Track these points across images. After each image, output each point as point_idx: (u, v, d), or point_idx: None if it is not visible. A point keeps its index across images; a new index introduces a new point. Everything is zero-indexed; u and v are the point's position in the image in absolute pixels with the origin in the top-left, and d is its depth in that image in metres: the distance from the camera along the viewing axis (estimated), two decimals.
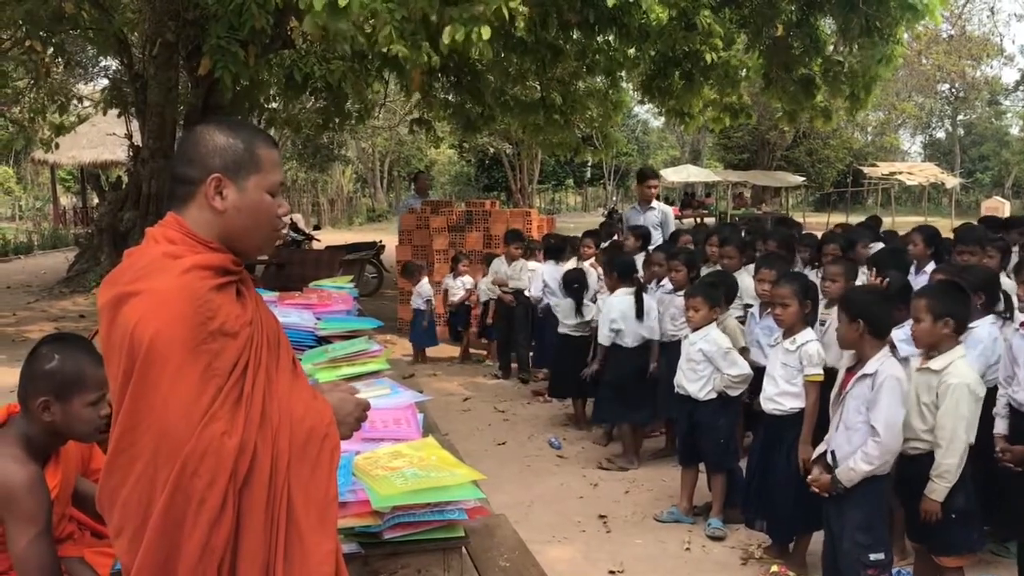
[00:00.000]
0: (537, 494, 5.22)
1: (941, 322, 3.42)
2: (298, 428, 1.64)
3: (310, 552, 1.61)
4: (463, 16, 6.49)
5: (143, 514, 1.52)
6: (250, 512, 1.56)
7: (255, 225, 1.73)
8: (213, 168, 1.69)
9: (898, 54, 11.11)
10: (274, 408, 1.62)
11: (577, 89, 13.57)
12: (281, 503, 1.59)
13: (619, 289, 5.82)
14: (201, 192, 1.69)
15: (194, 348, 1.54)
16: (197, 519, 1.51)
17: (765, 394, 4.17)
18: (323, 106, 13.39)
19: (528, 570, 2.64)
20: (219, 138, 1.71)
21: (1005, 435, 3.78)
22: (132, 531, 1.53)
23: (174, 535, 1.51)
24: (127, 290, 1.56)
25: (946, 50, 37.56)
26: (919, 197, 38.24)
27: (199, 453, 1.51)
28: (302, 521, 1.61)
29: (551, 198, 50.21)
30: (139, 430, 1.52)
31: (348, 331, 3.70)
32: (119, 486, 1.54)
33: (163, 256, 1.62)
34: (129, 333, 1.52)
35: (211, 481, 1.52)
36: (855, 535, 3.34)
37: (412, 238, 10.29)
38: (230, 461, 1.54)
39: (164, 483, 1.51)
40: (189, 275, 1.58)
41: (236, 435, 1.55)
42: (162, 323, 1.52)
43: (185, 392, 1.52)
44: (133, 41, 12.73)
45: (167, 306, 1.54)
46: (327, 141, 31.52)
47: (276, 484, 1.59)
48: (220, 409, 1.55)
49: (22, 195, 36.56)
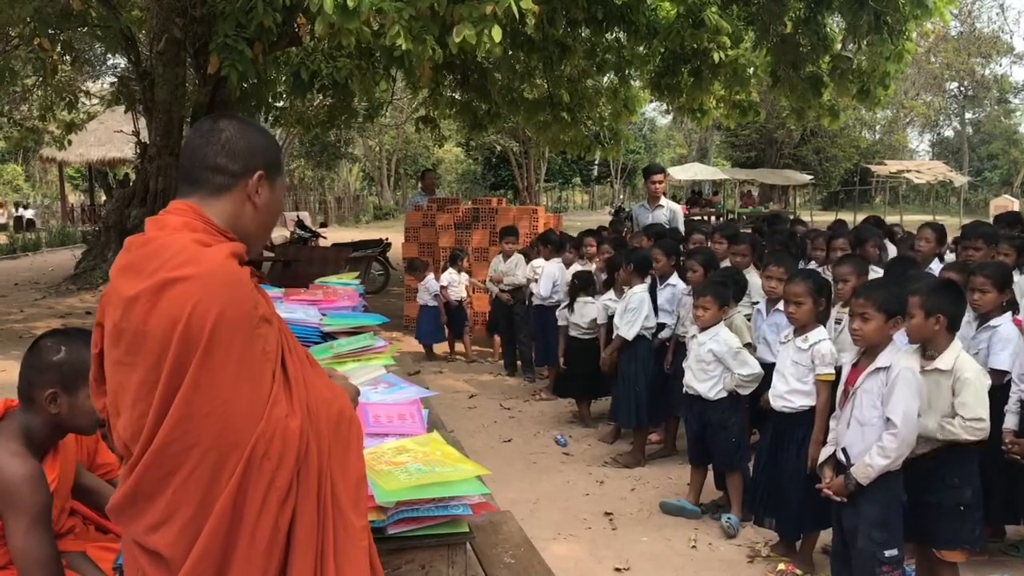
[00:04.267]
0: (543, 491, 5.21)
1: (933, 319, 3.42)
2: (330, 411, 1.67)
3: (352, 529, 1.65)
4: (472, 15, 6.47)
5: (199, 501, 1.51)
6: (305, 492, 1.58)
7: (271, 223, 1.81)
8: (258, 165, 1.73)
9: (907, 51, 11.07)
10: (311, 392, 1.64)
11: (585, 87, 13.54)
12: (326, 483, 1.62)
13: (637, 285, 5.81)
14: (241, 186, 1.71)
15: (252, 332, 1.55)
16: (266, 501, 1.53)
17: (775, 391, 4.15)
18: (331, 104, 13.41)
19: (533, 567, 2.62)
20: (260, 137, 1.77)
21: (1014, 430, 3.76)
22: (184, 520, 1.52)
23: (243, 518, 1.52)
24: (172, 276, 1.53)
25: (955, 48, 37.45)
26: (927, 196, 38.15)
27: (268, 435, 1.53)
28: (343, 500, 1.64)
29: (558, 196, 50.22)
30: (197, 417, 1.50)
31: (353, 327, 3.68)
32: (166, 478, 1.52)
33: (195, 243, 1.60)
34: (184, 318, 1.49)
35: (280, 462, 1.54)
36: (870, 531, 3.31)
37: (418, 236, 10.28)
38: (295, 442, 1.56)
39: (231, 468, 1.51)
40: (231, 261, 1.59)
41: (297, 417, 1.58)
42: (223, 306, 1.51)
43: (251, 375, 1.53)
44: (140, 39, 12.75)
45: (225, 290, 1.53)
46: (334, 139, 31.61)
47: (322, 465, 1.61)
48: (280, 392, 1.57)
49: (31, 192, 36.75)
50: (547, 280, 7.51)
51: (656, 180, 7.85)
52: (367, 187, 48.17)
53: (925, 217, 24.04)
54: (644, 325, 5.73)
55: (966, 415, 3.34)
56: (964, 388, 3.36)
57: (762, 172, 32.03)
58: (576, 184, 50.55)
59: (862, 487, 3.32)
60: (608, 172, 45.50)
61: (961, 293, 3.70)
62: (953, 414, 3.38)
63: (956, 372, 3.38)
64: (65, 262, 16.02)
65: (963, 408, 3.35)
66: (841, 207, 36.37)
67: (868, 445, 3.32)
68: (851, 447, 3.40)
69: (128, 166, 23.17)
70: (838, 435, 3.52)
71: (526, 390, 7.73)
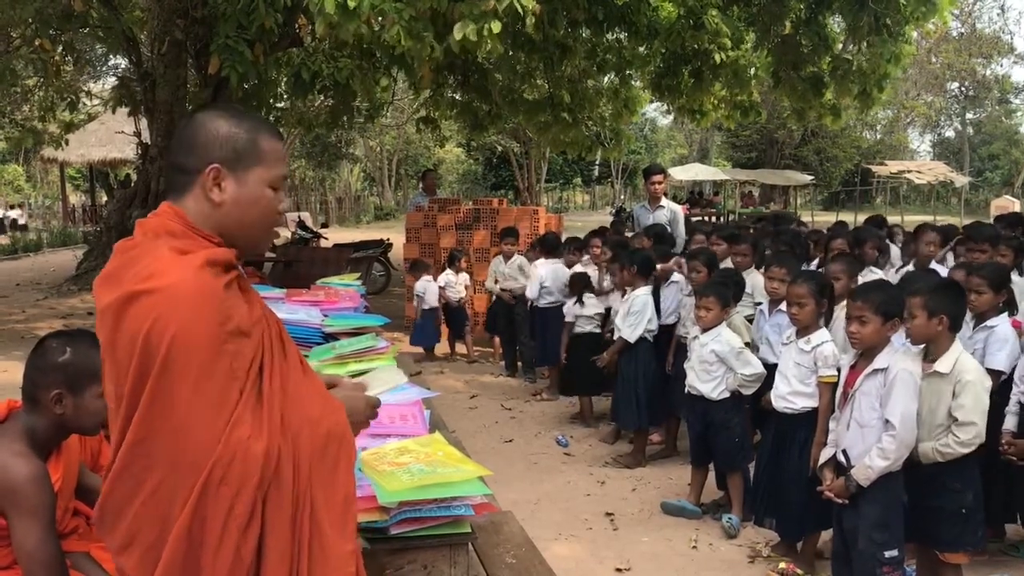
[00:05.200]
0: (544, 491, 5.22)
1: (936, 319, 3.41)
2: (316, 430, 1.57)
3: (333, 555, 1.55)
4: (473, 12, 6.47)
5: (159, 527, 1.44)
6: (276, 518, 1.49)
7: (253, 220, 1.65)
8: (212, 158, 1.60)
9: (907, 52, 11.07)
10: (292, 410, 1.54)
11: (586, 87, 13.55)
12: (305, 508, 1.53)
13: (640, 287, 5.81)
14: (199, 183, 1.60)
15: (215, 350, 1.45)
16: (226, 529, 1.43)
17: (776, 392, 4.15)
18: (332, 104, 13.41)
19: (535, 567, 2.63)
20: (221, 127, 1.62)
21: (1013, 431, 3.77)
22: (145, 546, 1.45)
23: (200, 546, 1.43)
24: (136, 289, 1.45)
25: (956, 48, 37.43)
26: (928, 196, 38.13)
27: (226, 459, 1.43)
28: (325, 524, 1.55)
29: (559, 196, 50.22)
30: (155, 439, 1.43)
31: (354, 328, 3.69)
32: (129, 498, 1.45)
33: (169, 251, 1.51)
34: (143, 336, 1.42)
35: (239, 488, 1.44)
36: (871, 533, 3.32)
37: (419, 236, 10.27)
38: (258, 466, 1.46)
39: (187, 493, 1.42)
40: (203, 272, 1.49)
41: (262, 439, 1.47)
42: (182, 324, 1.42)
43: (209, 396, 1.44)
44: (142, 39, 12.75)
45: (185, 305, 1.44)
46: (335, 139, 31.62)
47: (299, 488, 1.52)
48: (244, 412, 1.47)
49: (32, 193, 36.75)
50: (535, 281, 7.52)
51: (656, 181, 7.85)
52: (368, 187, 48.17)
53: (926, 217, 24.03)
54: (646, 327, 5.74)
55: (961, 417, 3.32)
56: (964, 390, 3.34)
57: (763, 172, 32.00)
58: (577, 184, 50.55)
59: (862, 488, 3.33)
60: (609, 172, 45.49)
61: (963, 293, 3.69)
62: (948, 425, 3.37)
63: (956, 375, 3.37)
64: (66, 263, 16.03)
65: (959, 410, 3.33)
66: (842, 208, 36.35)
67: (868, 447, 3.32)
68: (851, 449, 3.41)
69: (129, 167, 23.17)
70: (838, 437, 3.53)
71: (527, 390, 7.73)
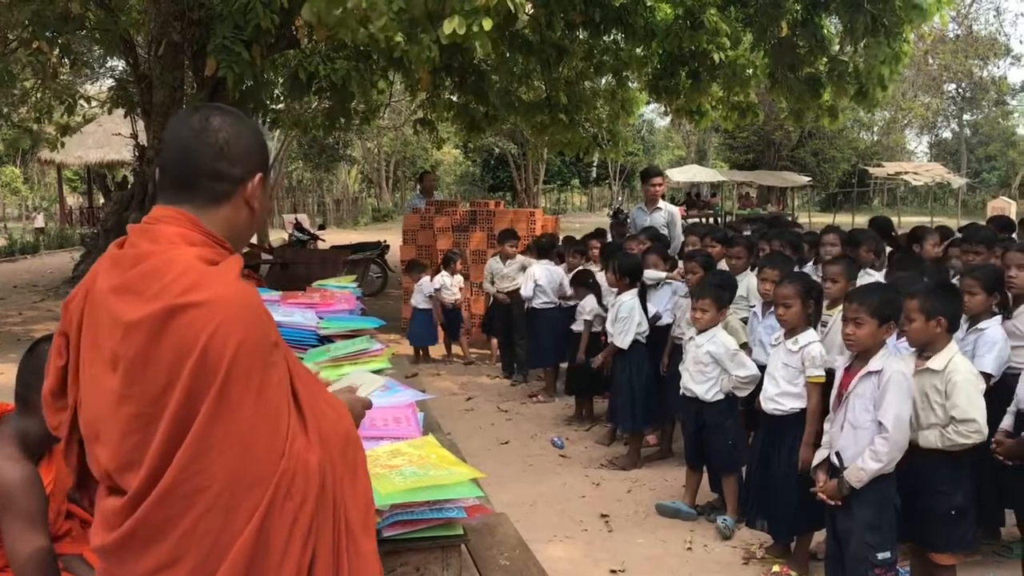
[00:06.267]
0: (539, 493, 5.22)
1: (934, 321, 3.43)
2: (337, 434, 1.57)
3: (365, 556, 1.58)
4: (464, 8, 6.45)
5: (211, 543, 1.40)
6: (323, 526, 1.49)
7: (261, 223, 1.72)
8: (258, 167, 1.61)
9: (904, 53, 11.08)
10: (320, 418, 1.54)
11: (583, 89, 13.55)
12: (341, 512, 1.54)
13: (626, 292, 5.81)
14: (240, 191, 1.59)
15: (269, 361, 1.43)
16: (290, 541, 1.43)
17: (766, 394, 4.16)
18: (328, 106, 13.40)
19: (529, 569, 2.63)
20: (253, 135, 1.63)
21: (1008, 431, 3.77)
22: (193, 564, 1.40)
23: (264, 561, 1.41)
24: (180, 302, 1.39)
25: (952, 50, 37.44)
26: (925, 197, 38.19)
27: (291, 472, 1.42)
28: (355, 526, 1.57)
29: (556, 198, 50.23)
30: (212, 456, 1.38)
31: (350, 330, 3.69)
32: (175, 519, 1.40)
33: (199, 260, 1.47)
34: (198, 349, 1.37)
35: (303, 501, 1.44)
36: (864, 534, 3.33)
37: (416, 238, 10.28)
38: (316, 479, 1.46)
39: (250, 508, 1.40)
40: (242, 282, 1.47)
41: (315, 451, 1.47)
42: (242, 336, 1.39)
43: (269, 409, 1.42)
44: (139, 41, 12.75)
45: (241, 317, 1.41)
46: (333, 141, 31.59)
47: (336, 494, 1.53)
48: (297, 424, 1.47)
49: (29, 195, 36.70)
50: (529, 281, 7.53)
51: (655, 183, 7.86)
52: (365, 189, 48.14)
53: (923, 218, 24.07)
54: (636, 331, 5.74)
55: (958, 416, 3.35)
56: (954, 391, 3.37)
57: (760, 174, 32.06)
58: (575, 186, 50.51)
59: (855, 490, 3.34)
60: (606, 174, 45.50)
61: (959, 294, 3.72)
62: (947, 421, 3.39)
63: (948, 373, 3.39)
64: (64, 265, 16.03)
65: (955, 410, 3.36)
66: (839, 209, 36.38)
67: (861, 448, 3.33)
68: (845, 450, 3.41)
69: (126, 169, 23.16)
70: (832, 438, 3.54)
71: (523, 392, 7.74)
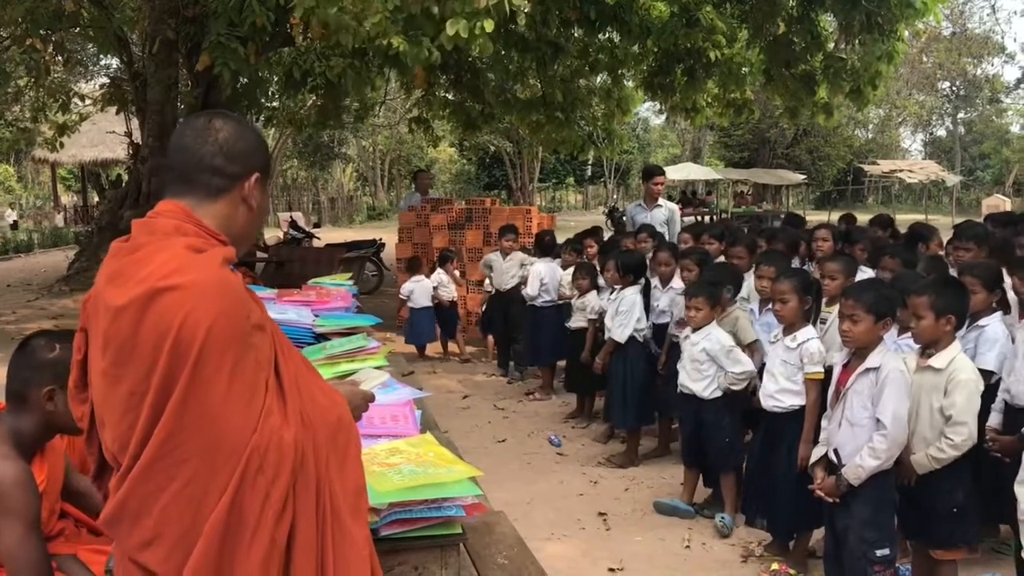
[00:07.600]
0: (537, 491, 5.21)
1: (944, 319, 3.40)
2: (328, 419, 1.64)
3: (350, 538, 1.61)
4: (464, 9, 6.44)
5: (189, 518, 1.47)
6: (304, 505, 1.55)
7: (260, 224, 1.79)
8: (256, 167, 1.71)
9: (899, 51, 11.09)
10: (306, 400, 1.61)
11: (578, 87, 13.54)
12: (325, 494, 1.59)
13: (629, 287, 5.80)
14: (238, 188, 1.69)
15: (245, 342, 1.51)
16: (262, 515, 1.49)
17: (764, 391, 4.15)
18: (321, 104, 13.37)
19: (527, 567, 2.62)
20: (254, 137, 1.75)
21: (997, 428, 3.77)
22: (175, 538, 1.48)
23: (238, 534, 1.48)
24: (159, 285, 1.48)
25: (947, 48, 37.55)
26: (920, 195, 38.25)
27: (262, 448, 1.49)
28: (342, 510, 1.61)
29: (552, 196, 50.18)
30: (189, 431, 1.47)
31: (346, 328, 3.68)
32: (156, 493, 1.48)
33: (185, 249, 1.56)
34: (175, 330, 1.45)
35: (275, 476, 1.50)
36: (862, 531, 3.32)
37: (412, 236, 10.27)
38: (290, 454, 1.52)
39: (223, 483, 1.47)
40: (224, 268, 1.55)
41: (290, 428, 1.54)
42: (215, 317, 1.47)
43: (242, 387, 1.49)
44: (133, 39, 12.72)
45: (216, 300, 1.49)
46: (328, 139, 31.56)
47: (320, 475, 1.58)
48: (273, 402, 1.53)
49: (23, 193, 36.59)
50: (535, 279, 7.52)
51: (658, 182, 7.97)
52: (361, 187, 48.06)
53: (918, 216, 24.10)
54: (635, 327, 5.73)
55: (953, 415, 3.32)
56: (956, 389, 3.34)
57: (755, 172, 32.10)
58: (570, 184, 50.50)
59: (853, 487, 3.33)
60: (602, 172, 45.49)
61: (966, 291, 3.66)
62: (938, 434, 3.36)
63: (951, 372, 3.37)
64: (58, 263, 15.97)
65: (952, 408, 3.33)
66: (834, 207, 36.38)
67: (859, 446, 3.32)
68: (843, 448, 3.40)
69: (121, 167, 23.12)
70: (830, 436, 3.53)
71: (520, 390, 7.73)
